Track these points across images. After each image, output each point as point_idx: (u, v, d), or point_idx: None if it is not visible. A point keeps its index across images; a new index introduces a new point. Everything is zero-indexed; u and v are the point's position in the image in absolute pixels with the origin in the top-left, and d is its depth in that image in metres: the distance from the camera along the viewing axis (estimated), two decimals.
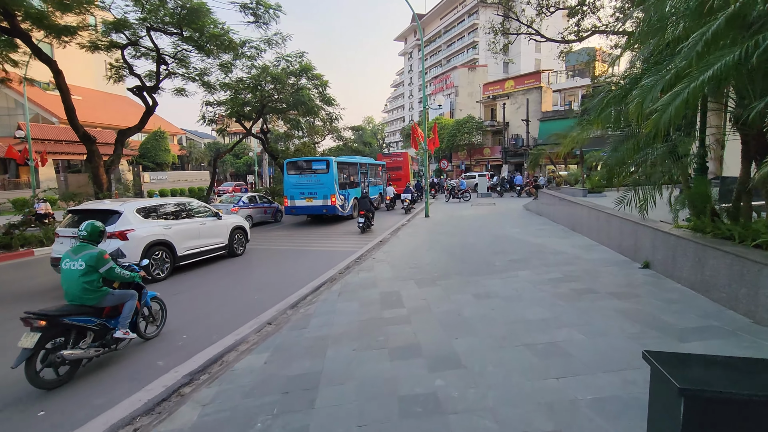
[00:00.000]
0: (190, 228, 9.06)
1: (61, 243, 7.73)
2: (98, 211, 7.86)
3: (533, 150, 19.80)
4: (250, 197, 17.70)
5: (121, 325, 4.49)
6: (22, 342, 3.75)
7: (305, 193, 16.60)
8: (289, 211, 17.14)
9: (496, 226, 13.33)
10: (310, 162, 17.26)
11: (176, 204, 9.25)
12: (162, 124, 42.56)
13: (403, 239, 12.12)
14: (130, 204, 8.16)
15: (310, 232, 15.31)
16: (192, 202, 9.79)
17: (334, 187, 16.46)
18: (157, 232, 8.18)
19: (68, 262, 4.29)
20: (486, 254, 9.03)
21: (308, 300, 6.93)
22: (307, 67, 21.93)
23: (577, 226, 10.77)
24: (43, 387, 3.92)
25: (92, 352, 4.22)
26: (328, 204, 16.33)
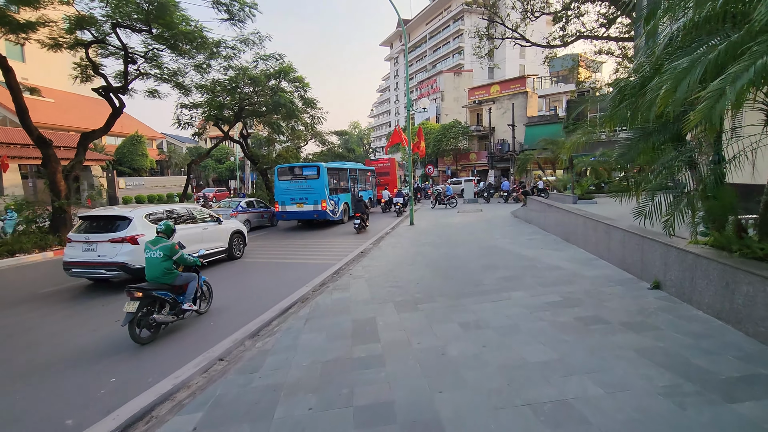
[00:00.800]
0: (194, 232, 9.34)
1: (74, 248, 8.02)
2: (109, 217, 8.20)
3: (521, 155, 19.08)
4: (248, 202, 17.96)
5: (187, 299, 5.83)
6: (126, 308, 5.08)
7: (296, 198, 16.70)
8: (281, 217, 17.27)
9: (484, 236, 12.46)
10: (301, 168, 17.31)
11: (181, 210, 9.66)
12: (140, 128, 40.98)
13: (386, 251, 11.14)
14: (139, 210, 8.43)
15: (294, 240, 14.52)
16: (195, 208, 10.23)
17: (325, 192, 16.54)
18: None
19: (149, 251, 5.62)
20: (474, 269, 8.10)
21: (271, 327, 5.92)
22: (287, 69, 20.90)
23: (571, 237, 9.94)
24: (139, 342, 5.20)
25: (170, 318, 5.57)
26: (319, 209, 16.45)
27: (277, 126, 22.64)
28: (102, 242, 7.83)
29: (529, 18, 32.05)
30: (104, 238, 7.83)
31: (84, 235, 7.95)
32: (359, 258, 10.48)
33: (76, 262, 7.95)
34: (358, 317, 5.78)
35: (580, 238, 9.21)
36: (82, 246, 7.91)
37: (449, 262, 9.00)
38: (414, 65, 66.19)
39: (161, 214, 8.78)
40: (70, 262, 7.97)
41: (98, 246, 7.83)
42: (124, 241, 7.78)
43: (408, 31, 69.05)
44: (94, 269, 7.89)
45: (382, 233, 14.92)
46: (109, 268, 7.80)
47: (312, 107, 23.70)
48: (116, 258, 7.73)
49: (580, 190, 15.06)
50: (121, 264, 7.74)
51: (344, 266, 9.69)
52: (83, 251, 7.90)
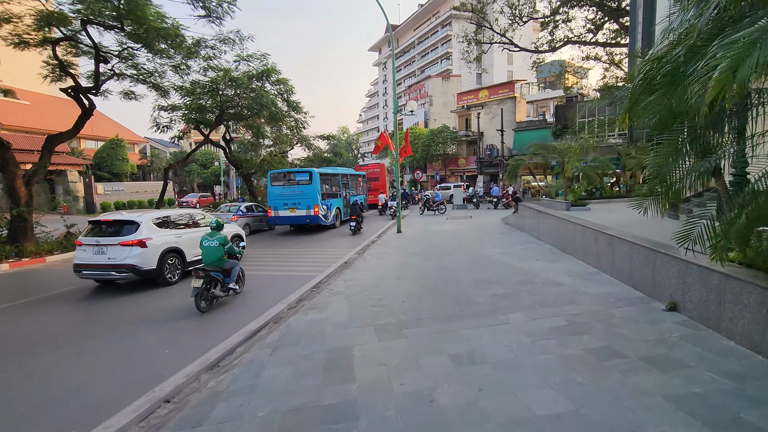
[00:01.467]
0: (197, 236, 9.26)
1: (84, 251, 8.32)
2: (118, 222, 8.50)
3: (511, 160, 18.47)
4: (248, 207, 18.38)
5: (231, 281, 7.26)
6: (193, 284, 6.62)
7: (289, 203, 16.89)
8: (273, 221, 17.51)
9: (475, 245, 11.72)
10: (294, 174, 17.76)
11: (185, 215, 10.03)
12: (121, 131, 39.58)
13: (370, 261, 10.32)
14: (146, 215, 8.80)
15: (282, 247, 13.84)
16: (198, 213, 10.52)
17: (318, 197, 16.74)
18: (170, 240, 8.91)
19: (207, 241, 7.04)
20: (466, 284, 7.33)
21: (233, 357, 5.06)
22: (270, 70, 20.04)
23: (567, 247, 9.24)
24: (200, 310, 6.69)
25: (221, 294, 7.06)
26: (312, 214, 16.68)
27: (258, 130, 21.71)
28: (112, 245, 8.14)
29: (517, 23, 31.76)
30: (114, 242, 8.14)
31: (94, 239, 8.25)
32: (342, 269, 9.65)
33: (86, 264, 8.25)
34: (332, 345, 4.94)
35: (579, 248, 8.51)
36: (92, 249, 8.20)
37: (438, 276, 8.21)
38: (402, 70, 65.79)
39: (167, 219, 9.23)
40: (80, 265, 8.27)
41: (108, 249, 8.14)
42: (133, 245, 8.11)
43: (396, 37, 68.69)
44: (105, 271, 8.19)
45: (368, 241, 14.13)
46: (119, 270, 8.11)
47: (296, 110, 22.84)
48: (126, 260, 8.05)
49: (573, 196, 14.47)
50: (130, 266, 8.05)
51: (325, 279, 8.88)
52: (93, 254, 8.21)
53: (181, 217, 9.81)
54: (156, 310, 7.22)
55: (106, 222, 8.57)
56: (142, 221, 8.45)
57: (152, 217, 8.82)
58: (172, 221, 9.31)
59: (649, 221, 10.70)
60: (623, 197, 17.57)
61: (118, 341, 5.76)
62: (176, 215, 9.69)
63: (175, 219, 9.49)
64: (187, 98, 20.41)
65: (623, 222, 10.88)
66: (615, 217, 12.13)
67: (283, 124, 23.08)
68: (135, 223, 8.39)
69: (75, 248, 10.92)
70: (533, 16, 31.00)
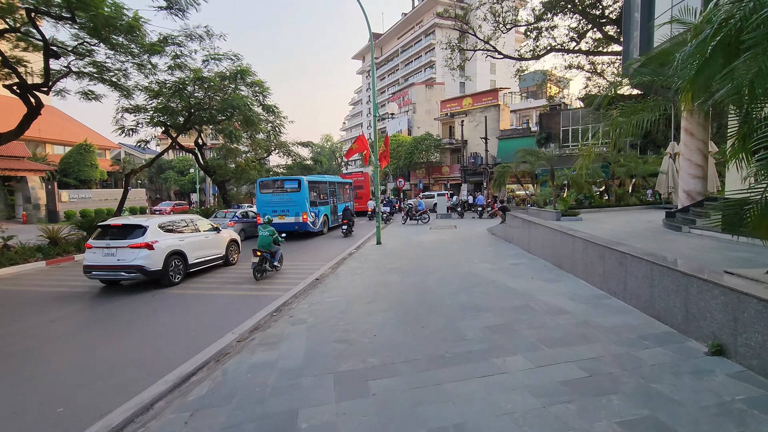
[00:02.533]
0: (198, 240, 10.19)
1: (94, 253, 8.61)
2: (126, 226, 8.94)
3: (498, 167, 17.44)
4: (243, 213, 18.51)
5: (276, 260, 9.80)
6: (252, 260, 9.12)
7: (278, 210, 17.05)
8: None
9: (461, 259, 10.51)
10: (282, 181, 17.98)
11: (187, 220, 10.41)
12: (92, 136, 37.45)
13: (343, 279, 8.99)
14: (153, 220, 9.23)
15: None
16: (198, 219, 11.00)
17: (306, 204, 17.05)
18: (174, 243, 9.29)
19: (261, 231, 9.47)
20: (451, 311, 6.06)
21: (136, 428, 3.66)
22: (244, 71, 18.64)
23: (565, 263, 8.10)
24: (256, 278, 9.11)
25: (269, 268, 9.60)
26: (300, 221, 16.95)
27: (231, 133, 20.20)
28: (122, 248, 8.48)
29: (501, 30, 31.15)
30: (124, 244, 8.50)
31: (104, 242, 8.60)
32: (311, 288, 8.31)
33: (96, 265, 8.56)
34: (272, 408, 3.60)
35: (579, 265, 7.36)
36: (102, 251, 8.53)
37: (419, 299, 6.93)
38: (386, 79, 65.04)
39: (171, 224, 9.69)
40: (90, 266, 8.58)
41: (118, 251, 8.49)
42: (142, 247, 8.48)
43: (380, 45, 68.09)
44: (114, 272, 8.54)
45: (345, 254, 12.81)
46: (128, 271, 8.45)
47: (272, 113, 21.44)
48: (135, 261, 8.41)
49: (563, 205, 13.45)
50: (139, 267, 8.42)
51: (290, 300, 7.55)
52: (103, 256, 8.52)
53: (184, 222, 10.22)
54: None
55: (115, 226, 9.01)
56: (149, 225, 8.89)
57: (158, 222, 9.27)
58: (175, 226, 9.78)
59: (651, 233, 9.68)
60: (612, 206, 16.71)
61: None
62: (179, 220, 10.12)
63: (178, 224, 9.93)
64: (153, 100, 18.85)
65: (620, 233, 9.83)
66: (608, 228, 11.12)
67: (258, 129, 21.59)
68: (143, 227, 8.80)
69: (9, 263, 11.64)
70: (517, 23, 30.49)
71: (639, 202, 16.74)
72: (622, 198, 17.07)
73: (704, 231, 9.11)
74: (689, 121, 11.60)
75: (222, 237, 11.32)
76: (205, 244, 10.45)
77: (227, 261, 11.44)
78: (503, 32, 30.61)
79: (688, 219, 10.29)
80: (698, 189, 11.66)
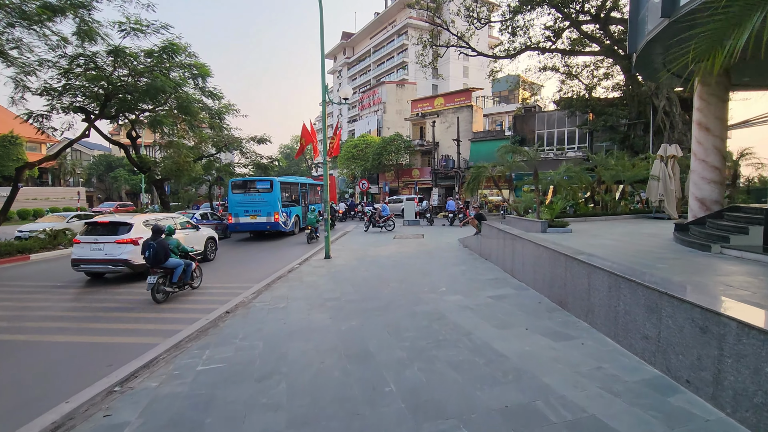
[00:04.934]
0: (178, 238, 9.53)
1: (82, 248, 9.12)
2: (113, 223, 9.47)
3: (473, 168, 14.81)
4: (203, 214, 17.82)
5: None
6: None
7: (249, 210, 17.00)
8: (233, 228, 17.52)
9: (424, 286, 7.69)
10: (255, 182, 17.86)
11: (168, 218, 10.76)
12: (19, 127, 32.59)
13: (252, 320, 5.98)
14: (137, 218, 9.69)
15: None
16: (179, 217, 11.67)
17: (278, 205, 16.95)
18: None
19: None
20: (403, 402, 3.20)
21: None
22: (173, 47, 15.29)
23: (574, 303, 5.37)
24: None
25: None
26: (272, 221, 16.82)
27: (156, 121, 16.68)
28: (109, 243, 9.02)
29: (475, 26, 28.91)
30: (111, 240, 9.03)
31: (92, 237, 9.12)
32: (195, 338, 5.28)
33: (84, 259, 9.08)
34: None
35: (603, 314, 4.62)
36: (89, 246, 9.05)
37: (344, 378, 3.97)
38: (358, 79, 62.10)
39: (153, 222, 9.48)
40: (78, 260, 9.10)
41: (105, 246, 9.01)
42: (128, 242, 9.00)
43: (352, 45, 65.19)
44: (102, 265, 9.07)
45: (284, 271, 9.89)
46: (115, 264, 8.98)
47: (215, 99, 18.12)
48: (121, 255, 8.93)
49: (550, 213, 10.92)
50: (125, 260, 8.94)
51: (149, 364, 4.50)
52: (91, 251, 9.04)
53: (166, 220, 10.33)
54: None
55: (102, 223, 9.46)
56: (135, 223, 9.36)
57: (142, 220, 9.63)
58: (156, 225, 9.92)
59: (672, 254, 7.14)
60: (599, 215, 14.39)
61: None
62: (162, 219, 10.27)
63: (160, 222, 9.77)
64: (64, 79, 15.21)
65: (630, 254, 7.26)
66: (609, 244, 8.59)
67: (197, 118, 18.16)
68: (128, 224, 9.31)
69: None
70: (491, 18, 28.35)
71: (628, 211, 14.51)
72: (610, 206, 14.81)
73: (745, 253, 6.67)
74: (704, 113, 9.24)
75: (200, 234, 11.71)
76: (184, 241, 10.32)
77: (205, 257, 11.69)
78: (477, 28, 28.40)
79: (713, 235, 7.87)
80: (714, 197, 9.32)
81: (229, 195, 17.86)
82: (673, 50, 6.09)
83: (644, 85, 23.10)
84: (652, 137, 23.07)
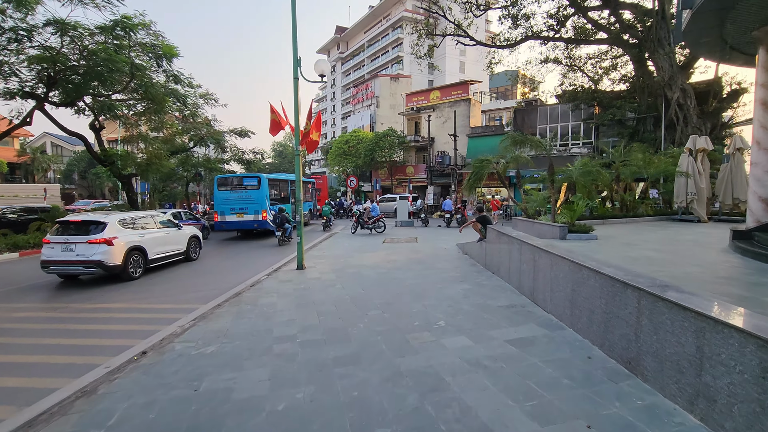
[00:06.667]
0: (159, 236, 9.98)
1: (52, 248, 8.48)
2: (85, 222, 8.75)
3: (475, 161, 12.66)
4: (175, 214, 15.63)
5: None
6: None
7: (236, 208, 16.29)
8: (220, 227, 16.74)
9: (415, 315, 5.54)
10: (242, 178, 17.12)
11: (147, 216, 10.18)
12: None
13: (150, 389, 3.80)
14: (113, 216, 9.05)
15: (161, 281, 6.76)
16: (159, 215, 10.79)
17: (266, 202, 16.22)
18: (134, 239, 9.12)
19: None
20: None
21: None
22: (128, 22, 13.03)
23: (647, 362, 3.28)
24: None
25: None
26: (260, 219, 16.10)
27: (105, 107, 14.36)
28: (81, 243, 8.37)
29: (473, 13, 26.78)
30: (83, 240, 8.39)
31: (63, 237, 8.45)
32: (68, 401, 3.10)
33: (54, 260, 8.42)
34: None
35: (732, 401, 2.53)
36: (60, 246, 8.39)
37: None
38: (351, 74, 59.78)
39: (132, 220, 9.37)
40: (48, 261, 8.42)
41: (77, 246, 8.37)
42: (101, 243, 8.37)
43: (346, 40, 62.83)
44: (73, 266, 8.41)
45: (244, 285, 7.80)
46: (87, 266, 8.33)
47: (188, 86, 15.88)
48: (94, 256, 8.28)
49: (570, 216, 8.83)
50: (98, 261, 8.29)
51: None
52: (62, 251, 8.39)
53: (145, 218, 9.99)
54: None
55: (74, 222, 8.79)
56: (109, 222, 8.75)
57: (118, 218, 9.08)
58: (136, 222, 9.50)
59: (756, 274, 5.02)
60: (618, 217, 12.34)
61: None
62: (140, 217, 9.87)
63: (139, 220, 9.66)
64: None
65: (695, 272, 5.22)
66: (657, 257, 6.49)
67: (162, 104, 15.87)
68: (102, 223, 8.66)
69: None
70: (490, 5, 26.21)
71: (652, 212, 12.46)
72: (630, 206, 12.74)
73: None
74: None
75: (183, 233, 11.07)
76: (165, 240, 10.26)
77: (188, 257, 11.16)
78: (476, 16, 26.26)
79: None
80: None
81: (214, 192, 17.04)
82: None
83: (657, 76, 21.13)
84: (664, 132, 21.09)
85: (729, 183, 12.28)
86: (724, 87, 22.11)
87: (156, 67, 14.82)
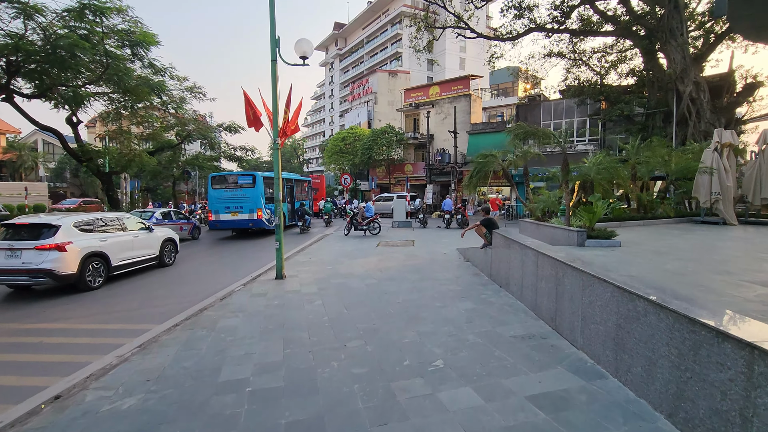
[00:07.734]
0: (124, 240, 9.03)
1: None
2: (35, 225, 7.72)
3: (478, 156, 11.41)
4: (164, 213, 15.78)
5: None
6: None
7: (231, 207, 15.88)
8: (214, 226, 16.34)
9: (406, 349, 4.27)
10: (236, 176, 16.57)
11: (112, 218, 9.21)
12: None
13: None
14: (68, 218, 8.03)
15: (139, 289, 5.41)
16: (126, 216, 9.75)
17: (261, 201, 15.83)
18: (94, 244, 8.12)
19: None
20: None
21: None
22: (96, 5, 11.75)
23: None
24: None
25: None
26: (255, 218, 15.74)
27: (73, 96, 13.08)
28: (27, 249, 7.36)
29: (474, 4, 25.48)
30: (30, 246, 7.37)
31: (7, 243, 7.42)
32: None
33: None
34: None
35: None
36: (4, 254, 7.33)
37: None
38: (350, 71, 58.41)
39: (91, 223, 8.43)
40: None
41: (23, 253, 7.35)
42: (51, 249, 7.37)
43: (344, 36, 61.47)
44: (18, 276, 7.30)
45: (212, 299, 6.63)
46: (35, 275, 7.27)
47: (158, 73, 14.59)
48: (42, 265, 7.26)
49: (589, 218, 7.60)
50: (47, 270, 7.27)
51: None
52: (6, 259, 7.32)
53: (108, 220, 8.99)
54: None
55: (22, 225, 7.75)
56: (62, 224, 7.72)
57: (74, 221, 8.03)
58: (96, 225, 8.54)
59: None
60: (635, 219, 11.10)
61: None
62: (101, 219, 8.86)
63: (100, 223, 8.71)
64: None
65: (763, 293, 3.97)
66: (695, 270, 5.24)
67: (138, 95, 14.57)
68: (53, 226, 7.63)
69: None
70: None
71: (673, 214, 11.20)
72: (648, 207, 11.49)
73: None
74: None
75: (155, 236, 10.13)
76: (133, 244, 9.30)
77: (162, 262, 10.28)
78: (477, 7, 24.96)
79: None
80: None
81: (208, 190, 16.67)
82: None
83: (668, 69, 19.87)
84: (675, 128, 19.83)
85: (758, 181, 11.04)
86: (738, 81, 20.80)
87: (131, 56, 13.51)
